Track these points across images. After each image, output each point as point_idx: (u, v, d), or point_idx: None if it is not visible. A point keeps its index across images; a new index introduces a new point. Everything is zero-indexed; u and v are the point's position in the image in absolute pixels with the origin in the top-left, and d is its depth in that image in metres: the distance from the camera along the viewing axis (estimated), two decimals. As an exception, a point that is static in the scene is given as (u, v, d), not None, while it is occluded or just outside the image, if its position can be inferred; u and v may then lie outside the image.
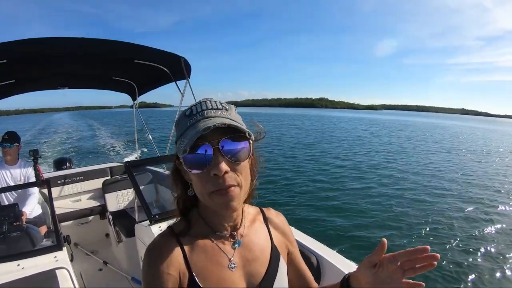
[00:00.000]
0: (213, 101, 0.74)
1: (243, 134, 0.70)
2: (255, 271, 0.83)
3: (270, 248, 0.89)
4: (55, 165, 5.56)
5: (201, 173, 0.70)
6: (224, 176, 0.69)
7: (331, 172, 12.67)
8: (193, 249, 0.79)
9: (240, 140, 0.71)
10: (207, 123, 0.67)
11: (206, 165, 0.69)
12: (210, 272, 0.78)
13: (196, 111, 0.72)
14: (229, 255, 0.81)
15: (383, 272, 0.70)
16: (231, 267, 0.80)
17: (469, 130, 52.63)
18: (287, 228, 0.98)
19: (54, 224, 2.44)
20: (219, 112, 0.72)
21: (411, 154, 18.75)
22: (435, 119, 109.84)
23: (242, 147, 0.71)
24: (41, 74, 3.78)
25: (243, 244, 0.84)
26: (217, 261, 0.79)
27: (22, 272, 1.91)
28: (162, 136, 20.28)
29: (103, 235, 4.23)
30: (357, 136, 29.95)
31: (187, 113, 0.74)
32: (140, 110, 5.38)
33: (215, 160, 0.68)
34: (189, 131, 0.69)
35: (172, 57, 3.51)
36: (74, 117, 78.08)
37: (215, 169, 0.68)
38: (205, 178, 0.70)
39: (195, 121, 0.70)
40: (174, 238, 0.80)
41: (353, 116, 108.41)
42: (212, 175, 0.69)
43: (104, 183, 4.06)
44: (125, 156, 15.99)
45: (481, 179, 12.28)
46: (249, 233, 0.87)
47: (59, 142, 24.53)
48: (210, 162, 0.69)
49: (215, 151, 0.68)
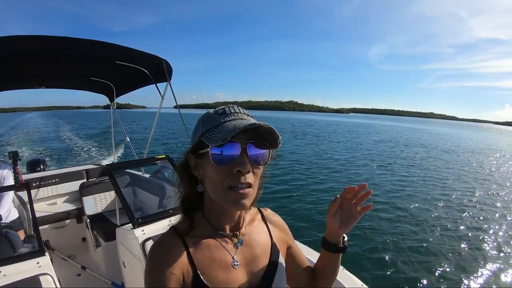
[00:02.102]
0: (241, 107, 0.82)
1: (278, 144, 0.77)
2: (257, 268, 0.88)
3: (270, 245, 0.94)
4: (28, 167, 5.31)
5: (224, 167, 0.75)
6: (245, 174, 0.75)
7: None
8: (197, 248, 0.82)
9: (263, 148, 0.78)
10: (248, 121, 0.74)
11: (232, 161, 0.74)
12: (214, 270, 0.81)
13: (229, 111, 0.79)
14: (232, 253, 0.86)
15: (344, 213, 0.90)
16: (234, 265, 0.84)
17: (397, 129, 57.44)
18: (284, 225, 1.06)
19: (35, 229, 2.37)
20: (250, 117, 0.80)
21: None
22: (390, 121, 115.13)
23: (263, 153, 0.78)
24: (18, 73, 3.64)
25: (244, 242, 0.89)
26: (221, 260, 0.83)
27: (4, 280, 1.85)
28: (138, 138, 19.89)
29: (80, 239, 4.12)
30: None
31: (219, 112, 0.79)
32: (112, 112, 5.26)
33: (241, 158, 0.74)
34: (227, 124, 0.74)
35: (154, 59, 3.47)
36: (46, 117, 74.91)
37: (240, 166, 0.74)
38: (226, 172, 0.75)
39: (232, 118, 0.76)
40: (178, 237, 0.83)
41: (314, 118, 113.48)
42: (235, 171, 0.74)
43: (81, 185, 3.97)
44: (99, 158, 15.49)
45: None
46: (250, 232, 0.92)
47: (29, 142, 23.45)
48: (236, 159, 0.74)
49: (242, 150, 0.74)
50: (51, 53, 3.12)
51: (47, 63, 3.45)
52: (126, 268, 2.64)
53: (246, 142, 0.74)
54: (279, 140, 0.77)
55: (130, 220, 2.43)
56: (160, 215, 2.53)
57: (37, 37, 2.66)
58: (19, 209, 3.23)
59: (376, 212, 7.95)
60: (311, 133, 37.31)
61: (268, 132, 0.75)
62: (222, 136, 0.70)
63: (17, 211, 3.19)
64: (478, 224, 7.69)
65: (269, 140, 0.78)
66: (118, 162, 3.74)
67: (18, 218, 3.17)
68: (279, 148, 0.79)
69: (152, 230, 2.34)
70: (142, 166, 4.25)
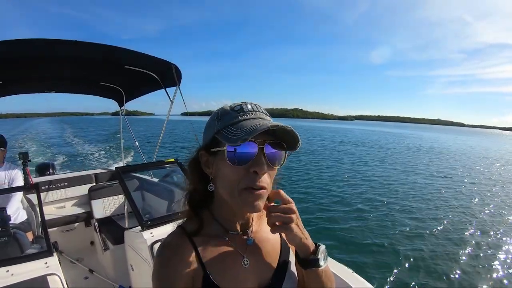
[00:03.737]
0: (258, 105, 0.79)
1: (283, 144, 0.75)
2: (267, 266, 0.85)
3: (279, 242, 0.92)
4: (37, 171, 5.37)
5: (240, 167, 0.72)
6: (261, 175, 0.72)
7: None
8: (206, 248, 0.80)
9: (279, 149, 0.75)
10: (266, 121, 0.72)
11: (248, 161, 0.71)
12: (224, 270, 0.79)
13: (247, 109, 0.75)
14: (242, 252, 0.83)
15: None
16: (244, 264, 0.81)
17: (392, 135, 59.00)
18: None
19: (44, 229, 2.38)
20: (268, 117, 0.78)
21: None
22: (392, 129, 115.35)
23: (280, 154, 0.76)
24: (29, 77, 3.70)
25: (254, 240, 0.86)
26: (231, 259, 0.81)
27: (11, 279, 1.85)
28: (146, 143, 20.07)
29: (88, 243, 4.13)
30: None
31: (236, 109, 0.75)
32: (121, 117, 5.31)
33: (258, 158, 0.71)
34: (245, 123, 0.72)
35: (163, 64, 3.48)
36: (57, 124, 76.64)
37: (257, 166, 0.71)
38: (241, 173, 0.72)
39: (250, 117, 0.74)
40: (186, 237, 0.80)
41: (316, 125, 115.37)
42: (252, 172, 0.71)
43: (90, 189, 4.00)
44: (108, 162, 15.68)
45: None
46: (259, 230, 0.90)
47: (39, 147, 23.90)
48: (253, 159, 0.71)
49: (259, 150, 0.71)
50: (60, 57, 3.14)
51: (57, 66, 3.49)
52: (134, 271, 2.63)
53: (264, 142, 0.72)
54: (299, 143, 0.74)
55: (139, 222, 2.43)
56: (169, 218, 2.51)
57: (47, 40, 2.68)
58: (27, 211, 3.25)
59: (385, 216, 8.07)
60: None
61: (289, 135, 0.73)
62: (241, 136, 0.67)
63: (25, 213, 3.20)
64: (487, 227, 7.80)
65: (288, 142, 0.75)
66: (127, 166, 3.74)
67: (26, 219, 3.19)
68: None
69: (160, 232, 2.33)
70: (151, 170, 4.25)
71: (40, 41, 2.67)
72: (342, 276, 1.80)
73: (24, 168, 2.98)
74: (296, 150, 0.76)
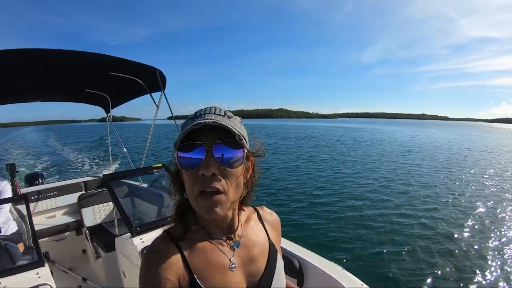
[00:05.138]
0: (218, 108, 0.77)
1: (237, 141, 0.73)
2: (255, 269, 0.86)
3: (268, 245, 0.92)
4: (26, 181, 5.30)
5: (191, 172, 0.72)
6: (211, 177, 0.71)
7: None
8: (193, 252, 0.80)
9: (236, 148, 0.74)
10: (202, 122, 0.71)
11: (197, 164, 0.71)
12: (211, 273, 0.79)
13: (199, 114, 0.75)
14: (229, 255, 0.83)
15: None
16: (231, 268, 0.82)
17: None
18: (279, 224, 1.03)
19: (34, 240, 2.39)
20: (220, 117, 0.73)
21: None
22: (363, 124, 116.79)
23: (235, 154, 0.74)
24: (14, 87, 3.68)
25: (241, 244, 0.86)
26: (217, 263, 0.81)
27: None
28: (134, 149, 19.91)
29: (80, 251, 4.11)
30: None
31: (191, 116, 0.76)
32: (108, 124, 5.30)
33: (206, 160, 0.71)
34: (188, 128, 0.71)
35: (148, 69, 3.52)
36: (42, 132, 75.36)
37: (203, 168, 0.70)
38: (194, 178, 0.72)
39: (197, 121, 0.72)
40: (172, 242, 0.80)
41: (296, 124, 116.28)
42: (201, 174, 0.71)
43: (80, 197, 3.98)
44: (98, 169, 15.51)
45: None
46: (246, 233, 0.90)
47: (26, 156, 23.49)
48: (201, 162, 0.71)
49: (207, 152, 0.71)
50: (45, 66, 3.15)
51: (42, 76, 3.49)
52: (127, 278, 2.65)
53: (212, 143, 0.71)
54: (237, 137, 0.72)
55: (128, 229, 2.45)
56: (158, 223, 2.54)
57: (30, 50, 2.68)
58: (18, 222, 3.23)
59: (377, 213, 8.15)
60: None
61: (225, 131, 0.71)
62: (175, 141, 0.70)
63: (16, 224, 3.19)
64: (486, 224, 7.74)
65: (232, 138, 0.73)
66: (115, 172, 3.75)
67: (17, 231, 3.17)
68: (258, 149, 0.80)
69: (150, 238, 2.34)
70: (139, 175, 4.27)
71: (25, 51, 2.66)
72: (332, 274, 1.85)
73: (12, 180, 2.96)
74: (245, 145, 0.75)
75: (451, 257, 5.78)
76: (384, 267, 5.36)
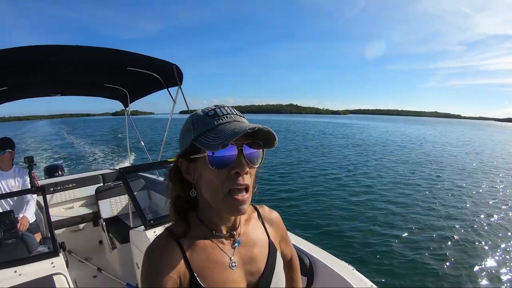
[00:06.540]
0: (231, 108, 0.79)
1: (261, 142, 0.77)
2: (255, 268, 0.86)
3: (267, 244, 0.92)
4: (46, 172, 5.47)
5: (222, 171, 0.73)
6: (243, 175, 0.74)
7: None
8: (193, 250, 0.80)
9: (257, 148, 0.77)
10: (244, 125, 0.71)
11: (229, 164, 0.73)
12: (211, 272, 0.79)
13: (221, 113, 0.76)
14: (229, 254, 0.84)
15: None
16: (232, 266, 0.82)
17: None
18: (280, 221, 1.03)
19: (50, 230, 2.43)
20: (243, 118, 0.78)
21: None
22: (375, 122, 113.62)
23: (258, 153, 0.78)
24: (34, 81, 3.76)
25: (242, 242, 0.87)
26: (218, 261, 0.81)
27: (19, 279, 1.91)
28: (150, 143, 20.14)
29: (97, 242, 4.20)
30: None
31: (210, 114, 0.76)
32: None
33: (239, 160, 0.73)
34: (223, 128, 0.72)
35: (164, 64, 3.55)
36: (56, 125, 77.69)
37: (238, 167, 0.73)
38: (224, 176, 0.73)
39: (226, 121, 0.74)
40: (173, 239, 0.81)
41: (306, 120, 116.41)
42: (233, 173, 0.73)
43: (97, 189, 4.05)
44: (115, 162, 15.82)
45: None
46: (246, 232, 0.90)
47: (45, 149, 24.19)
48: (233, 161, 0.73)
49: (239, 152, 0.73)
50: (65, 62, 3.22)
51: (62, 71, 3.56)
52: (140, 269, 2.67)
53: (242, 143, 0.73)
54: (275, 142, 0.76)
55: (142, 221, 2.47)
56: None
57: (50, 46, 2.75)
58: (36, 213, 3.31)
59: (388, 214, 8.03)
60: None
61: (266, 134, 0.74)
62: (222, 141, 0.68)
63: (34, 215, 3.26)
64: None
65: (265, 141, 0.77)
66: (131, 166, 3.78)
67: (35, 221, 3.25)
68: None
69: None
70: (155, 169, 4.31)
71: (44, 47, 2.73)
72: (342, 273, 1.80)
73: (30, 172, 3.02)
74: (274, 147, 0.78)
75: (466, 259, 5.67)
76: (395, 267, 5.30)
